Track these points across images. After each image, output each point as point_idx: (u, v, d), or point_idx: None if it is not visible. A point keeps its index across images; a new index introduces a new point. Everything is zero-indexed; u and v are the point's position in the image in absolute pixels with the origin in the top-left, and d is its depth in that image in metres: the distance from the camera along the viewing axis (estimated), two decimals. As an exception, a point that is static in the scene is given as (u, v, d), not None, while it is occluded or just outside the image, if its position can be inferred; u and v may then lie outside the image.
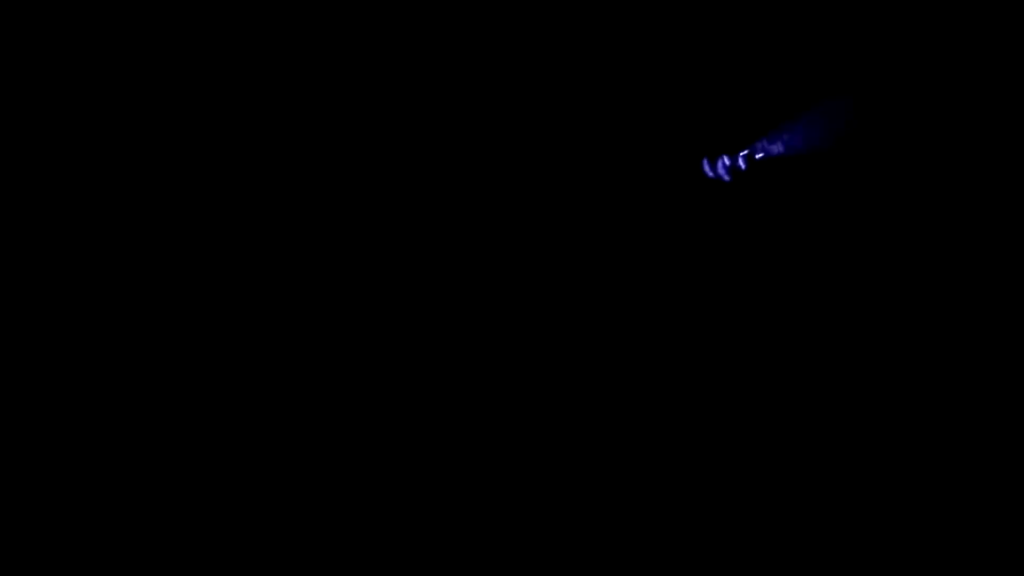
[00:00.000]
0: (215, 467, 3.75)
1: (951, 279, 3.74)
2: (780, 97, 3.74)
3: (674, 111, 3.82)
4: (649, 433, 3.79)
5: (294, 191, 3.91)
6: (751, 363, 3.81)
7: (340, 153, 3.92)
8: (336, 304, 3.89)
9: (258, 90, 3.88)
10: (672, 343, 3.84)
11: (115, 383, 3.77)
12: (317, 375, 3.84)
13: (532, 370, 3.85)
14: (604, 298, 3.86)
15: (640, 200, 3.86)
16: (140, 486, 3.70)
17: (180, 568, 3.64)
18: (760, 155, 3.69)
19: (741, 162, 3.68)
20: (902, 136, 3.72)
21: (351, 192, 3.91)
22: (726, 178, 3.64)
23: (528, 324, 3.87)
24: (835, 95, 3.68)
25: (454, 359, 3.86)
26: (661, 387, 3.82)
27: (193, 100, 3.86)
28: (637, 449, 3.78)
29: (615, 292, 3.87)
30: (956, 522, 3.58)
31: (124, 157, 3.85)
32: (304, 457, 3.78)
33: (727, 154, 3.67)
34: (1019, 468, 3.59)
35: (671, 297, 3.86)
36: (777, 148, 3.66)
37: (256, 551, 3.68)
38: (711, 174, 3.67)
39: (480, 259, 3.88)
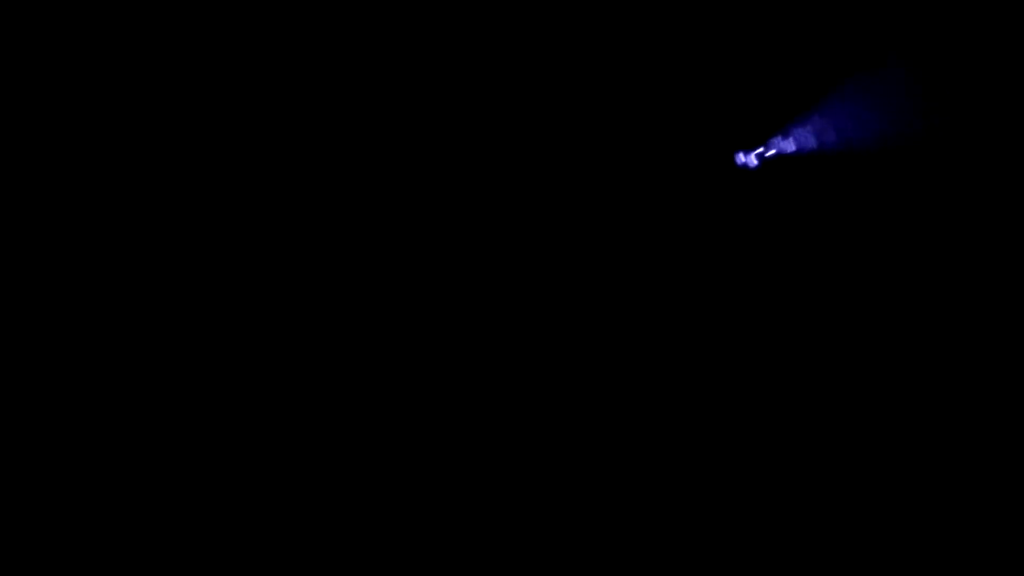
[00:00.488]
0: (215, 467, 3.76)
1: (965, 275, 3.76)
2: (809, 91, 3.78)
3: (708, 103, 3.86)
4: (668, 422, 3.82)
5: (294, 191, 3.92)
6: (764, 348, 3.84)
7: (340, 153, 3.93)
8: (336, 304, 3.90)
9: (258, 90, 3.89)
10: (690, 330, 3.88)
11: (115, 383, 3.78)
12: (317, 375, 3.86)
13: (546, 363, 3.87)
14: (625, 282, 3.90)
15: (669, 190, 3.90)
16: (140, 486, 3.71)
17: (180, 568, 3.65)
18: (788, 147, 3.74)
19: (769, 152, 3.74)
20: (923, 135, 3.74)
21: (351, 192, 3.93)
22: (754, 164, 3.69)
23: (549, 315, 3.89)
24: (862, 91, 3.72)
25: (459, 357, 3.88)
26: (675, 374, 3.85)
27: (193, 100, 3.87)
28: (649, 443, 3.80)
29: (635, 276, 3.90)
30: (956, 522, 3.60)
31: (124, 157, 3.86)
32: (304, 457, 3.79)
33: (757, 145, 3.74)
34: (1019, 468, 3.61)
35: (690, 280, 3.89)
36: (805, 140, 3.71)
37: (256, 551, 3.69)
38: (741, 162, 3.73)
39: (491, 252, 3.91)
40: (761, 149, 3.75)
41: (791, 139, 3.78)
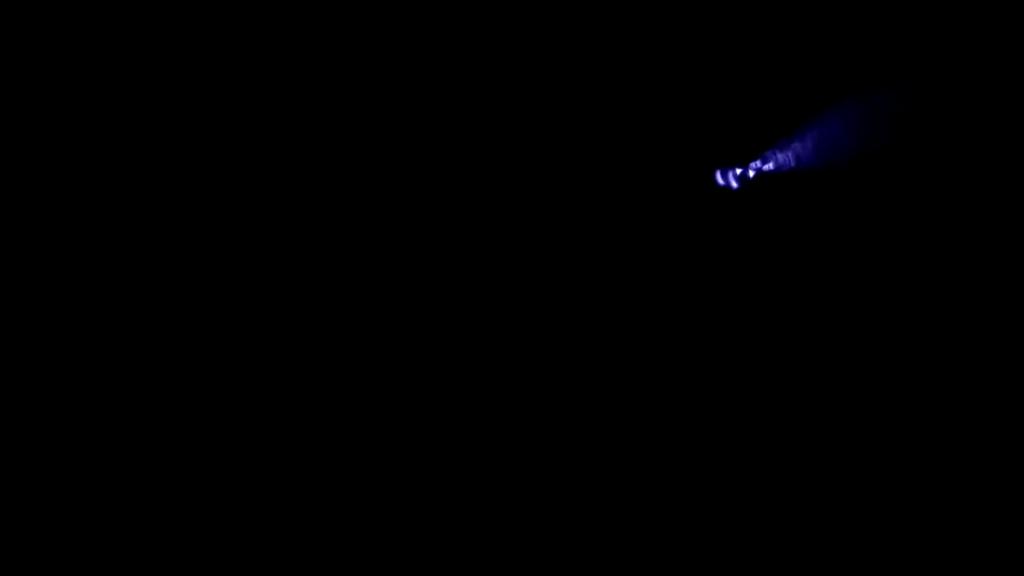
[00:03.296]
0: (215, 467, 3.75)
1: (962, 288, 3.77)
2: (790, 109, 3.79)
3: (687, 121, 3.87)
4: (654, 436, 3.82)
5: (294, 191, 3.91)
6: (754, 368, 3.84)
7: (340, 153, 3.93)
8: (336, 304, 3.89)
9: (258, 90, 3.89)
10: (676, 347, 3.88)
11: (115, 383, 3.78)
12: (317, 375, 3.86)
13: (539, 372, 3.88)
14: (610, 303, 3.89)
15: (651, 207, 3.90)
16: (140, 486, 3.71)
17: (180, 568, 3.64)
18: (769, 166, 3.75)
19: (750, 172, 3.75)
20: (909, 150, 3.75)
21: (351, 192, 3.92)
22: (735, 186, 3.70)
23: (535, 329, 3.90)
24: (845, 109, 3.73)
25: (456, 359, 3.88)
26: (664, 391, 3.85)
27: (193, 100, 3.87)
28: (638, 452, 3.80)
29: (622, 296, 3.89)
30: (956, 522, 3.59)
31: (124, 157, 3.85)
32: (304, 457, 3.79)
33: (738, 164, 3.75)
34: (1019, 468, 3.61)
35: (676, 302, 3.89)
36: (786, 160, 3.72)
37: (256, 551, 3.68)
38: (722, 183, 3.75)
39: (494, 262, 3.91)
40: (740, 170, 3.77)
41: (772, 159, 3.78)
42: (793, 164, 3.76)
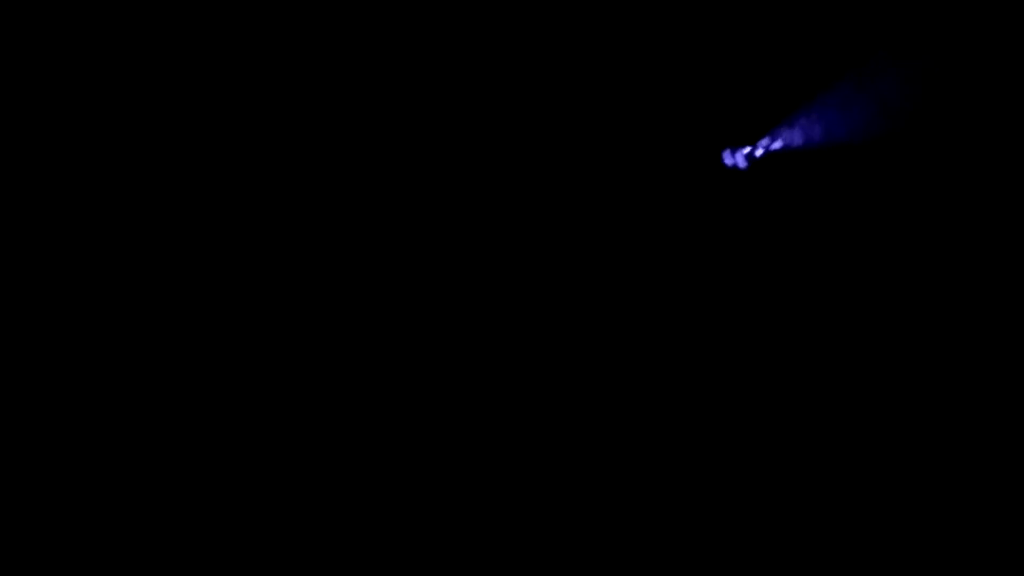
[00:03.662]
0: (215, 467, 3.76)
1: (961, 276, 3.77)
2: (797, 88, 3.78)
3: (695, 101, 3.87)
4: (657, 426, 3.82)
5: (294, 191, 3.92)
6: (759, 352, 3.84)
7: (340, 153, 3.93)
8: (336, 304, 3.90)
9: (258, 90, 3.89)
10: (682, 330, 3.88)
11: (115, 383, 3.78)
12: (317, 375, 3.86)
13: (541, 365, 3.88)
14: (617, 285, 3.90)
15: (660, 187, 3.91)
16: (140, 486, 3.71)
17: (180, 568, 3.65)
18: (777, 145, 3.75)
19: (758, 152, 3.75)
20: (916, 128, 3.75)
21: (351, 192, 3.93)
22: (743, 165, 3.70)
23: (541, 316, 3.90)
24: (851, 88, 3.73)
25: (456, 358, 3.88)
26: (674, 370, 3.86)
27: (193, 100, 3.87)
28: (640, 445, 3.81)
29: (628, 279, 3.90)
30: (956, 522, 3.60)
31: (124, 157, 3.86)
32: (304, 457, 3.79)
33: (746, 144, 3.74)
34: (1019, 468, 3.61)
35: (683, 283, 3.89)
36: (794, 139, 3.72)
37: (256, 551, 3.69)
38: (730, 162, 3.74)
39: (492, 252, 3.91)
40: (749, 149, 3.76)
41: (779, 138, 3.78)
42: (801, 143, 3.75)
